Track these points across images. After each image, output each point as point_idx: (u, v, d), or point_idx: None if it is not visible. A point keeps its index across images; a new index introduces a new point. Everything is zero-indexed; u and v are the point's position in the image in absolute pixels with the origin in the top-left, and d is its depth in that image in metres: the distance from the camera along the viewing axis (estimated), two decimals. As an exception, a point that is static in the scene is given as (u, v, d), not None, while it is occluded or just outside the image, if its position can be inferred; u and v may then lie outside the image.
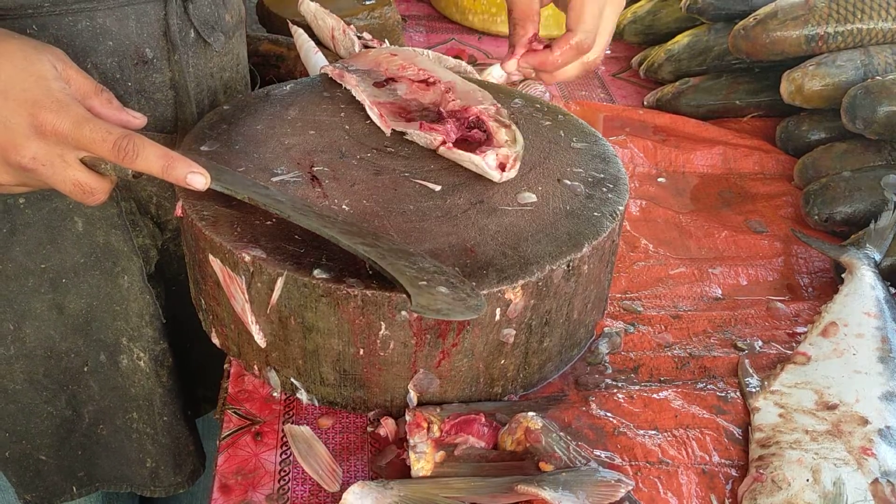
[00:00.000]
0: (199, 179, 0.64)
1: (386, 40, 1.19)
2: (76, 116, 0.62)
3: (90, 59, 0.78)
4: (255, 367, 0.74)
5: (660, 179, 1.15)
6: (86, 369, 0.88)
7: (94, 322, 0.87)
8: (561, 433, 0.68)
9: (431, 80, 0.89)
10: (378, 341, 0.66)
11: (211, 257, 0.70)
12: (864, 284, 0.86)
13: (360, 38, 1.10)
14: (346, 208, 0.73)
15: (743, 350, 0.83)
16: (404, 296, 0.63)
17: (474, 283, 0.65)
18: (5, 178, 0.64)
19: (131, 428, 0.92)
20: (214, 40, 0.88)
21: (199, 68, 0.87)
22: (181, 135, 0.85)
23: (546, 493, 0.59)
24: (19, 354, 0.86)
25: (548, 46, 0.79)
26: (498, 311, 0.66)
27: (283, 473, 0.67)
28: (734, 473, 0.69)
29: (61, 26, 0.75)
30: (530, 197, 0.76)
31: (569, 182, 0.80)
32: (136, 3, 0.79)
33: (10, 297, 0.83)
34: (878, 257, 0.91)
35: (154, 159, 0.63)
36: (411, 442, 0.66)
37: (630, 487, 0.63)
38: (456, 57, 1.25)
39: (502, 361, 0.71)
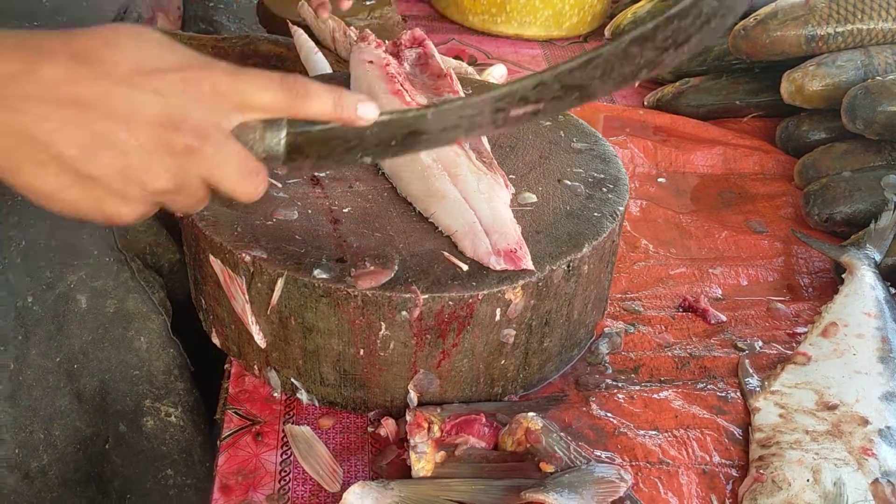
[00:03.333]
0: (371, 108, 0.55)
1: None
2: (227, 67, 0.52)
3: None
4: (256, 367, 0.74)
5: (660, 179, 1.15)
6: (107, 447, 0.84)
7: (108, 396, 0.83)
8: (561, 433, 0.68)
9: None
10: (378, 341, 0.67)
11: (211, 257, 0.70)
12: (864, 285, 0.86)
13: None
14: (347, 208, 0.73)
15: (743, 350, 0.83)
16: (404, 296, 0.63)
17: (475, 283, 0.65)
18: (160, 180, 0.50)
19: (167, 485, 0.86)
20: None
21: None
22: None
23: (552, 498, 0.59)
24: (52, 460, 0.81)
25: None
26: (498, 311, 0.66)
27: (283, 474, 0.67)
28: (734, 473, 0.69)
29: None
30: (530, 197, 0.76)
31: (569, 182, 0.80)
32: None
33: (34, 405, 0.79)
34: (878, 257, 0.91)
35: (325, 94, 0.54)
36: (412, 442, 0.66)
37: (630, 483, 0.63)
38: (456, 57, 1.25)
39: (502, 362, 0.71)
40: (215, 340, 0.78)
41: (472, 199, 0.72)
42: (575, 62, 0.57)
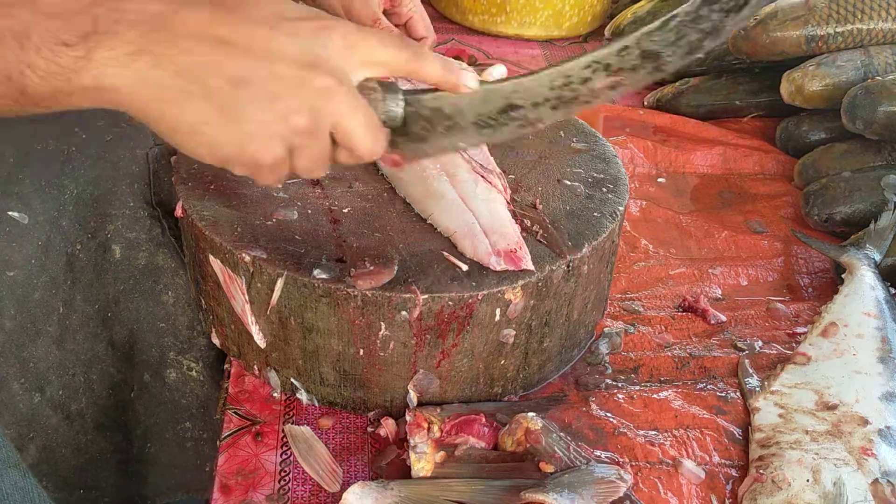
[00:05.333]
0: (473, 78, 0.60)
1: None
2: (354, 24, 0.55)
3: None
4: (255, 367, 0.74)
5: (660, 180, 1.15)
6: (132, 395, 0.87)
7: (136, 346, 0.86)
8: (561, 433, 0.68)
9: None
10: (378, 341, 0.66)
11: (211, 257, 0.70)
12: (863, 285, 0.86)
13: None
14: (347, 208, 0.73)
15: (743, 350, 0.83)
16: (404, 296, 0.63)
17: (475, 283, 0.65)
18: (301, 116, 0.52)
19: (185, 437, 0.90)
20: None
21: None
22: None
23: (552, 499, 0.59)
24: (89, 403, 0.84)
25: None
26: (498, 311, 0.66)
27: (283, 474, 0.67)
28: (734, 473, 0.69)
29: None
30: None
31: (569, 182, 0.80)
32: None
33: (77, 349, 0.82)
34: (878, 257, 0.91)
35: (436, 58, 0.59)
36: (412, 442, 0.66)
37: (629, 482, 0.63)
38: (456, 57, 1.25)
39: (502, 362, 0.71)
40: (215, 340, 0.79)
41: (471, 200, 0.72)
42: (652, 25, 0.59)
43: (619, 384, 0.77)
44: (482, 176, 0.75)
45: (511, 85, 0.60)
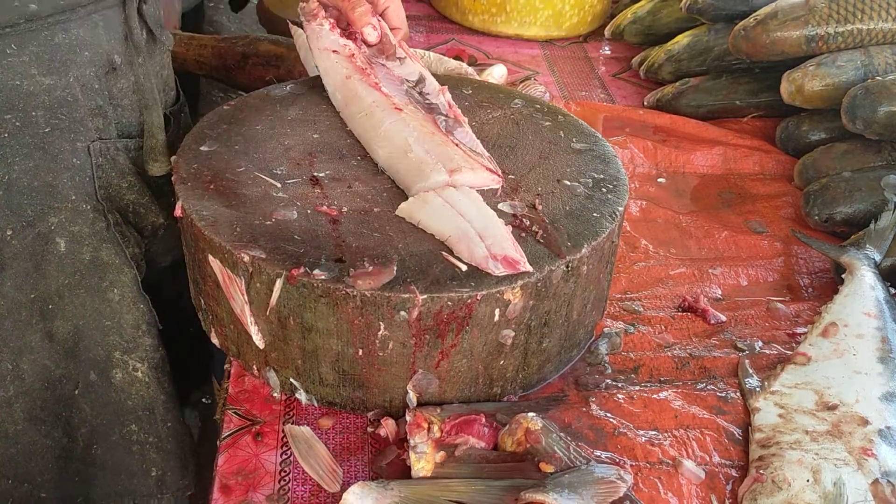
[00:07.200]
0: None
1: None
2: None
3: (72, 72, 0.78)
4: (255, 367, 0.74)
5: (660, 180, 1.15)
6: (77, 392, 0.87)
7: (81, 342, 0.85)
8: (561, 434, 0.68)
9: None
10: (377, 341, 0.66)
11: (210, 258, 0.70)
12: (864, 285, 0.86)
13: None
14: (346, 209, 0.73)
15: (743, 350, 0.83)
16: (403, 296, 0.63)
17: (474, 283, 0.65)
18: None
19: (130, 440, 0.89)
20: (166, 38, 0.88)
21: (153, 69, 0.87)
22: (147, 138, 0.85)
23: (552, 499, 0.59)
24: (18, 392, 0.84)
25: None
26: (497, 311, 0.66)
27: (283, 474, 0.67)
28: (734, 474, 0.69)
29: (40, 42, 0.75)
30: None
31: (568, 182, 0.79)
32: (101, 9, 0.79)
33: (4, 335, 0.82)
34: (878, 258, 0.90)
35: None
36: (412, 442, 0.66)
37: (629, 482, 0.63)
38: (456, 57, 1.25)
39: (501, 362, 0.71)
40: (214, 340, 0.78)
41: (457, 203, 0.72)
42: None
43: (619, 384, 0.77)
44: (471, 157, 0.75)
45: None
